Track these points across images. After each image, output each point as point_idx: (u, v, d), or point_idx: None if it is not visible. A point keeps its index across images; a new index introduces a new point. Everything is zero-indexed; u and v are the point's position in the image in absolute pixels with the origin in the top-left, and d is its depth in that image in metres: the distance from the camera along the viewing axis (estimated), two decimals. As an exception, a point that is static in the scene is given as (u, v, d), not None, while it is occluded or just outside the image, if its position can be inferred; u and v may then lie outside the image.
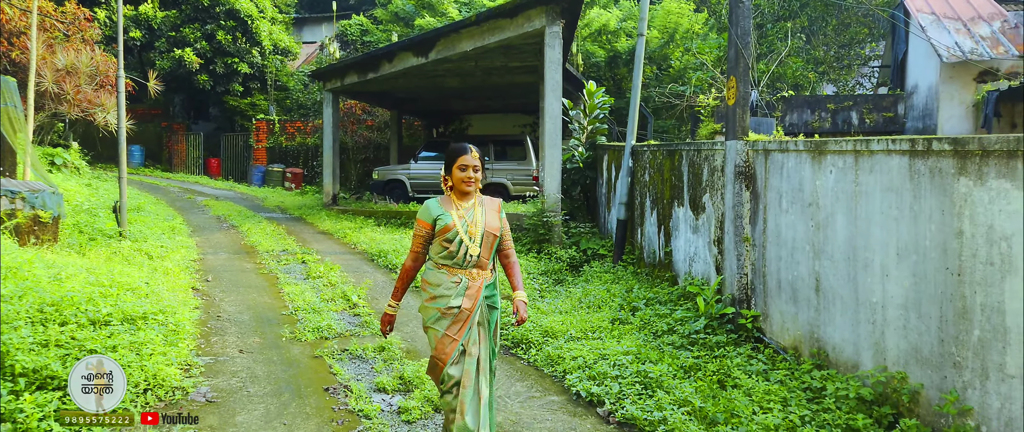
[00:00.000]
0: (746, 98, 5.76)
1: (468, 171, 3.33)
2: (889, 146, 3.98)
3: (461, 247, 3.29)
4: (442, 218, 3.29)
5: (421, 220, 3.33)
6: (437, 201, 3.37)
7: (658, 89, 16.65)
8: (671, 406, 4.16)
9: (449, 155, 3.38)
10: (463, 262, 3.32)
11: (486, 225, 3.37)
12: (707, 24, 20.43)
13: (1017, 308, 3.12)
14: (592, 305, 6.85)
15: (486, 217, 3.40)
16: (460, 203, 3.37)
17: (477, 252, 3.33)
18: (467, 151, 3.33)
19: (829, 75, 17.80)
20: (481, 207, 3.43)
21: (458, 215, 3.32)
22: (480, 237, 3.34)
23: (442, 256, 3.33)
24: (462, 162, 3.32)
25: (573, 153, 11.94)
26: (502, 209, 3.56)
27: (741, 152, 5.71)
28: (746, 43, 5.72)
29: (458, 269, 3.33)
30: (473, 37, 11.50)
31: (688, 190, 7.04)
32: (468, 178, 3.33)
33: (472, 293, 3.33)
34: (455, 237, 3.29)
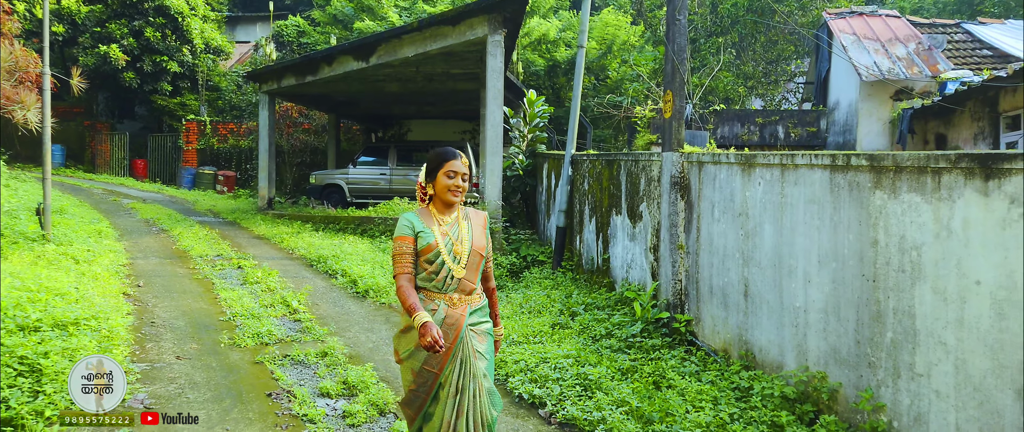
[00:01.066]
0: (682, 112, 6.02)
1: (457, 179, 2.90)
2: (812, 161, 4.27)
3: (442, 269, 2.88)
4: (423, 235, 2.87)
5: (401, 236, 2.88)
6: (415, 214, 2.94)
7: (596, 99, 17.03)
8: (610, 406, 4.32)
9: (434, 160, 2.94)
10: (443, 285, 2.89)
11: (473, 243, 2.95)
12: (643, 37, 21.02)
13: (926, 312, 3.40)
14: (533, 310, 6.98)
15: (472, 233, 2.98)
16: (442, 216, 2.95)
17: (461, 274, 2.91)
18: (456, 156, 2.91)
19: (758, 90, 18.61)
20: (466, 221, 3.01)
21: (441, 231, 2.91)
22: (466, 257, 2.92)
23: (420, 278, 2.91)
24: (450, 168, 2.89)
25: (513, 161, 12.10)
26: (488, 224, 3.14)
27: (677, 163, 5.96)
28: (682, 59, 5.98)
29: (436, 294, 2.90)
30: (415, 43, 11.52)
31: (626, 199, 7.28)
32: (457, 187, 2.90)
33: (452, 322, 2.88)
34: (437, 257, 2.87)
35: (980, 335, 3.12)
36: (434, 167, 2.94)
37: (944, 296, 3.29)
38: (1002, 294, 3.02)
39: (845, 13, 13.07)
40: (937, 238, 3.32)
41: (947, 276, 3.27)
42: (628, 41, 19.64)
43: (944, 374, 3.30)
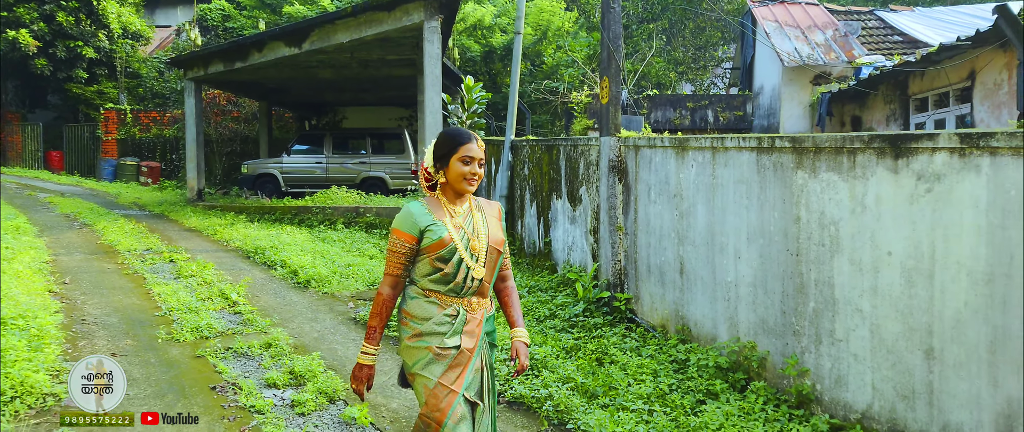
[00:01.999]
0: (618, 97, 6.21)
1: (473, 165, 2.52)
2: (740, 143, 4.51)
3: (460, 268, 2.50)
4: (434, 229, 2.48)
5: (400, 232, 2.49)
6: (422, 204, 2.55)
7: (533, 85, 17.18)
8: (556, 383, 4.48)
9: (445, 143, 2.55)
10: (461, 289, 2.52)
11: (490, 237, 2.59)
12: (577, 23, 21.28)
13: (843, 282, 3.68)
14: (477, 294, 7.08)
15: (488, 226, 2.62)
16: (454, 207, 2.57)
17: (481, 274, 2.54)
18: (471, 138, 2.54)
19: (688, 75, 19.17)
20: (479, 212, 2.64)
21: (454, 224, 2.52)
22: (484, 254, 2.56)
23: (432, 280, 2.51)
24: (466, 152, 2.51)
25: (453, 147, 12.12)
26: (502, 214, 2.77)
27: (614, 148, 6.15)
28: (617, 46, 6.16)
29: (453, 298, 2.52)
30: (349, 29, 11.36)
31: (566, 183, 7.45)
32: (473, 174, 2.52)
33: (473, 328, 2.54)
34: (453, 255, 2.49)
35: (892, 302, 3.40)
36: (446, 151, 2.53)
37: (860, 267, 3.57)
38: (911, 263, 3.30)
39: (768, 1, 13.62)
40: (853, 213, 3.59)
41: (862, 248, 3.55)
42: (563, 27, 19.84)
43: (861, 339, 3.59)
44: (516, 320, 2.72)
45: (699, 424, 3.64)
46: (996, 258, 2.92)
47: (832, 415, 3.76)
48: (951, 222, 3.10)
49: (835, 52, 11.75)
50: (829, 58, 11.59)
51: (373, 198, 13.60)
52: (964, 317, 3.06)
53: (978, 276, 2.99)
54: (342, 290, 7.60)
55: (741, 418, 3.78)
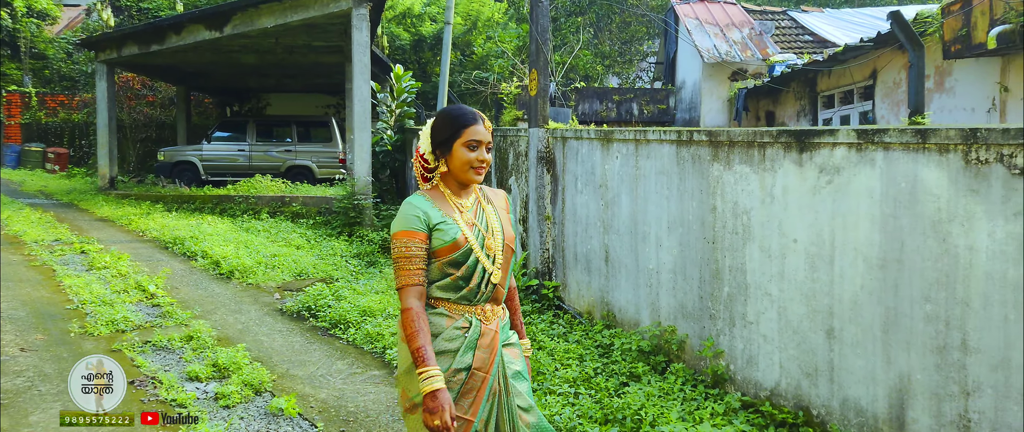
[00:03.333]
0: (546, 90, 6.33)
1: (481, 150, 2.18)
2: (661, 136, 4.71)
3: (476, 272, 2.16)
4: (444, 227, 2.14)
5: (409, 232, 2.11)
6: (425, 198, 2.20)
7: (463, 75, 17.17)
8: (485, 370, 4.57)
9: (447, 124, 2.19)
10: (475, 295, 2.18)
11: (504, 234, 2.27)
12: (507, 14, 21.35)
13: (755, 268, 3.92)
14: (406, 284, 7.09)
15: (501, 220, 2.30)
16: (460, 200, 2.23)
17: (499, 278, 2.21)
18: (477, 119, 2.19)
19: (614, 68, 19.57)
20: (488, 204, 2.32)
21: (465, 220, 2.20)
22: (500, 253, 2.23)
23: (440, 287, 2.17)
24: (472, 136, 2.16)
25: (382, 136, 12.02)
26: (510, 205, 2.46)
27: (542, 139, 6.28)
28: (545, 40, 6.28)
29: (464, 306, 2.18)
30: (274, 13, 11.06)
31: (496, 173, 7.53)
32: (481, 161, 2.18)
33: (488, 342, 2.18)
34: (468, 256, 2.15)
35: (797, 285, 3.66)
36: (448, 135, 2.17)
37: (769, 253, 3.81)
38: (813, 249, 3.56)
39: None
40: (763, 203, 3.83)
41: (771, 236, 3.79)
42: (493, 17, 19.87)
43: (770, 321, 3.84)
44: (519, 329, 2.41)
45: (622, 405, 3.81)
46: (888, 245, 3.19)
47: (744, 393, 4.01)
48: (849, 211, 3.36)
49: (751, 50, 12.29)
50: (745, 55, 12.12)
51: (300, 187, 13.33)
52: (860, 299, 3.33)
53: (873, 261, 3.26)
54: (267, 281, 7.46)
55: (661, 398, 3.98)
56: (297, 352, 5.27)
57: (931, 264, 2.99)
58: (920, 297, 3.04)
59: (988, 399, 2.79)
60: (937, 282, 2.97)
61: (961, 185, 2.87)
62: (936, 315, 2.98)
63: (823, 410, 3.53)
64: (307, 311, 6.30)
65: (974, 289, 2.83)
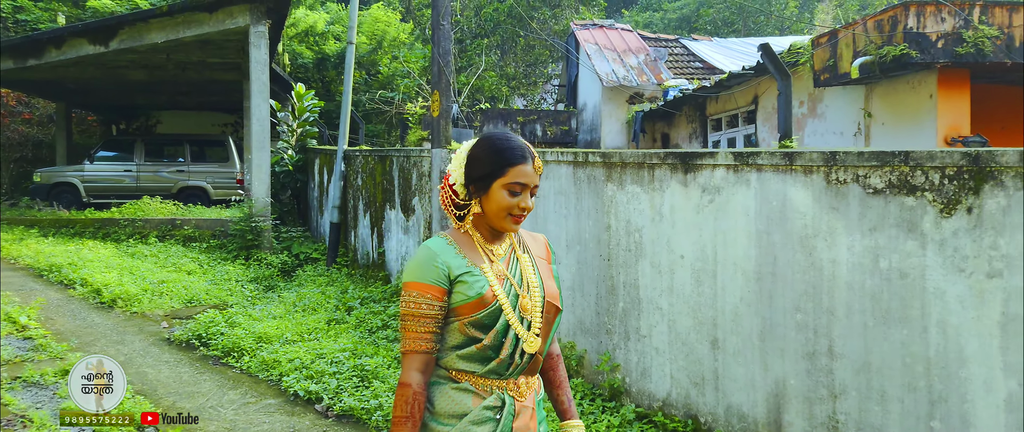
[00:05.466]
0: (449, 111, 6.39)
1: (524, 195, 1.73)
2: (560, 157, 4.85)
3: (506, 339, 1.73)
4: (469, 279, 1.70)
5: (423, 284, 1.68)
6: (447, 241, 1.75)
7: (368, 94, 17.00)
8: (386, 393, 4.52)
9: (489, 157, 1.72)
10: (506, 368, 1.74)
11: (545, 290, 1.83)
12: (413, 34, 21.36)
13: (647, 283, 4.10)
14: (307, 308, 6.91)
15: (540, 273, 1.85)
16: (491, 245, 1.80)
17: (535, 347, 1.77)
18: (528, 157, 1.73)
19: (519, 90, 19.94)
20: (525, 253, 1.87)
21: (496, 272, 1.76)
22: (539, 315, 1.79)
23: (464, 356, 1.73)
24: (517, 177, 1.71)
25: (282, 156, 11.70)
26: (552, 251, 1.98)
27: (445, 159, 6.31)
28: (447, 62, 6.35)
29: (494, 380, 1.74)
30: (165, 28, 10.58)
31: (399, 193, 7.50)
32: (524, 209, 1.74)
33: (525, 423, 1.78)
34: (496, 318, 1.72)
35: (685, 299, 3.85)
36: (488, 172, 1.72)
37: (659, 269, 4.00)
38: (699, 265, 3.76)
39: (589, 25, 14.61)
40: (653, 222, 4.02)
41: (660, 253, 3.98)
42: (399, 38, 19.82)
43: (661, 334, 4.01)
44: (568, 407, 1.93)
45: (522, 421, 3.86)
46: (763, 259, 3.42)
47: (639, 404, 4.16)
48: (729, 228, 3.59)
49: (647, 75, 12.88)
50: (641, 80, 12.68)
51: (193, 209, 12.70)
52: (740, 311, 3.55)
53: (750, 274, 3.49)
54: (154, 309, 7.06)
55: (560, 413, 4.06)
56: (185, 383, 5.01)
57: (800, 276, 3.24)
58: (792, 307, 3.28)
59: (853, 401, 3.04)
60: (805, 293, 3.21)
61: (824, 203, 3.13)
62: (806, 324, 3.22)
63: (710, 417, 3.72)
64: (197, 340, 6.01)
65: (837, 299, 3.09)
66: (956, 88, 6.42)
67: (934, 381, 2.75)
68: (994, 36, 6.13)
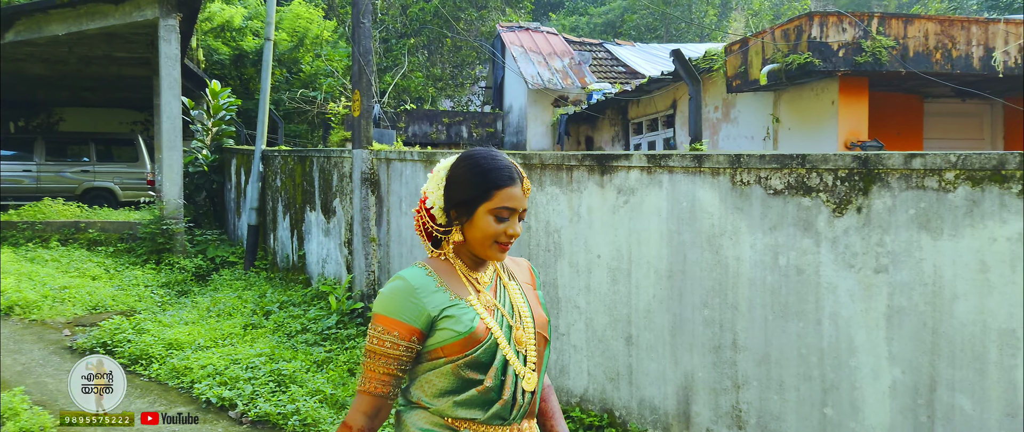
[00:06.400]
0: (370, 111, 6.31)
1: (512, 221, 1.57)
2: (481, 158, 4.88)
3: (506, 378, 1.56)
4: (456, 313, 1.53)
5: (392, 319, 1.51)
6: (426, 272, 1.57)
7: (289, 93, 16.55)
8: (304, 398, 4.43)
9: (474, 178, 1.56)
10: (510, 411, 1.57)
11: (535, 318, 1.67)
12: (336, 32, 20.95)
13: (565, 282, 4.18)
14: (222, 313, 6.68)
15: (528, 299, 1.70)
16: (475, 274, 1.63)
17: (534, 384, 1.61)
18: (515, 180, 1.57)
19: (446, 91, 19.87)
20: (512, 280, 1.72)
21: (484, 302, 1.60)
22: (533, 348, 1.64)
23: (462, 402, 1.54)
24: (505, 201, 1.54)
25: (197, 156, 11.26)
26: (535, 274, 1.84)
27: (366, 160, 6.24)
28: (368, 61, 6.27)
29: (498, 426, 1.57)
30: (66, 20, 9.98)
31: (320, 195, 7.35)
32: (510, 237, 1.57)
33: None
34: (492, 357, 1.55)
35: (601, 298, 3.95)
36: (474, 195, 1.55)
37: (577, 269, 4.08)
38: (614, 264, 3.87)
39: (515, 27, 14.73)
40: (571, 222, 4.11)
41: (578, 252, 4.07)
42: (321, 35, 19.39)
43: (579, 331, 4.10)
44: None
45: (442, 422, 3.86)
46: (674, 257, 3.55)
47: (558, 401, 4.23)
48: (643, 228, 3.70)
49: (571, 78, 13.09)
50: (566, 83, 12.88)
51: (99, 211, 12.03)
52: (653, 308, 3.67)
53: (662, 273, 3.61)
54: (55, 316, 6.67)
55: (480, 412, 4.08)
56: (89, 393, 4.76)
57: (708, 273, 3.38)
58: (700, 303, 3.42)
59: (755, 391, 3.19)
60: (713, 289, 3.36)
61: (729, 204, 3.28)
62: (713, 319, 3.36)
63: (624, 411, 3.83)
64: (102, 347, 5.71)
65: (741, 294, 3.24)
66: (856, 95, 6.83)
67: (827, 370, 2.92)
68: (890, 46, 6.56)
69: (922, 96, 8.15)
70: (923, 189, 2.65)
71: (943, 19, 6.89)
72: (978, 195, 2.51)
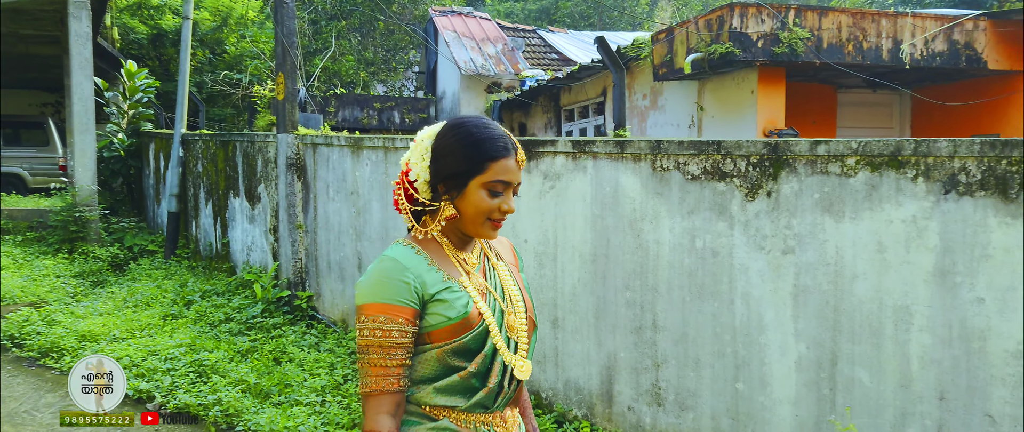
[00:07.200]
0: (295, 94, 6.16)
1: (507, 196, 1.47)
2: (408, 144, 4.83)
3: (494, 365, 1.46)
4: (449, 297, 1.42)
5: (386, 304, 1.37)
6: (414, 251, 1.45)
7: (212, 75, 15.93)
8: (226, 388, 4.32)
9: (465, 149, 1.44)
10: (494, 399, 1.49)
11: (524, 300, 1.58)
12: (263, 12, 20.26)
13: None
14: (140, 303, 6.43)
15: (517, 281, 1.61)
16: (463, 254, 1.52)
17: (526, 372, 1.53)
18: (510, 151, 1.47)
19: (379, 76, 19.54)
20: (499, 260, 1.62)
21: (476, 285, 1.49)
22: (525, 333, 1.54)
23: (444, 389, 1.44)
24: (500, 174, 1.44)
25: (112, 140, 10.73)
26: (518, 257, 1.75)
27: (292, 145, 6.09)
28: (292, 42, 6.11)
29: (479, 415, 1.48)
30: (-35, -7, 9.31)
31: (244, 181, 7.14)
32: (503, 210, 1.47)
33: None
34: (483, 342, 1.44)
35: (530, 281, 3.99)
36: (466, 168, 1.44)
37: (504, 253, 4.11)
38: (541, 248, 3.92)
39: (448, 12, 14.61)
40: (498, 207, 4.13)
41: (506, 236, 4.09)
42: (247, 15, 18.73)
43: (506, 315, 4.14)
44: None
45: (369, 408, 3.84)
46: (598, 241, 3.63)
47: (486, 385, 4.27)
48: (568, 213, 3.76)
49: (504, 64, 13.10)
50: (499, 69, 12.87)
51: (6, 198, 11.34)
52: (578, 291, 3.74)
53: (586, 256, 3.69)
54: None
55: (408, 398, 4.08)
56: (-7, 390, 4.51)
57: (630, 257, 3.47)
58: (622, 286, 3.51)
59: (673, 369, 3.31)
60: (634, 272, 3.45)
61: (650, 189, 3.37)
62: (634, 301, 3.46)
63: (550, 392, 3.90)
64: (9, 340, 5.42)
65: (661, 277, 3.34)
66: (773, 85, 7.10)
67: (739, 347, 3.06)
68: (806, 38, 6.84)
69: (836, 86, 8.54)
70: (827, 174, 2.79)
71: (855, 12, 7.23)
72: (877, 180, 2.67)
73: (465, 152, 1.43)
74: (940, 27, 7.20)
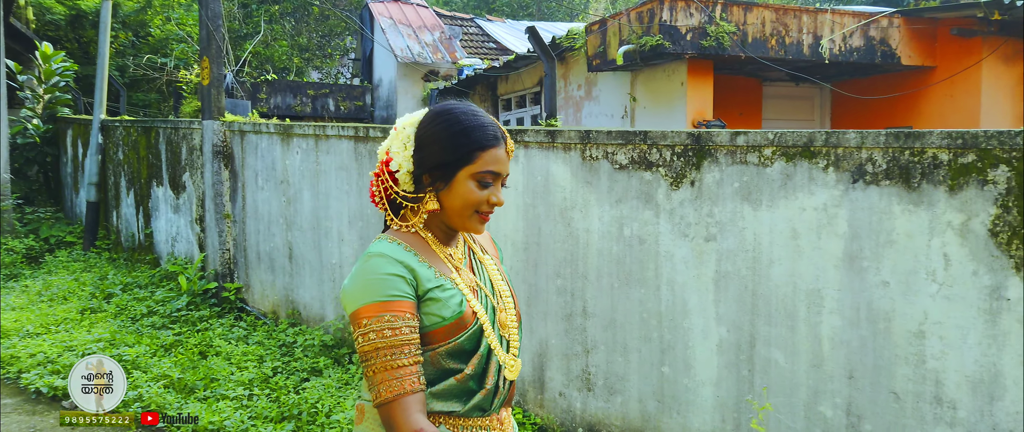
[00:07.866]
0: (221, 79, 5.96)
1: (496, 187, 1.40)
2: (340, 132, 4.76)
3: (490, 365, 1.39)
4: (442, 295, 1.33)
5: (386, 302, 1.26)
6: (402, 247, 1.35)
7: (136, 59, 15.22)
8: (148, 383, 4.18)
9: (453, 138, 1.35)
10: (491, 401, 1.42)
11: (512, 296, 1.53)
12: (190, -6, 19.45)
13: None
14: (56, 297, 6.13)
15: (503, 276, 1.56)
16: (449, 249, 1.44)
17: (517, 372, 1.48)
18: (500, 140, 1.39)
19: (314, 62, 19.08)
20: (484, 254, 1.56)
21: (467, 282, 1.41)
22: (516, 331, 1.49)
23: (442, 393, 1.36)
24: (489, 164, 1.36)
25: (26, 125, 10.15)
26: (498, 248, 1.70)
27: (218, 132, 5.90)
28: (218, 25, 5.90)
29: (477, 418, 1.41)
30: None
31: (167, 169, 6.87)
32: (492, 203, 1.39)
33: None
34: (478, 341, 1.37)
35: (461, 270, 4.00)
36: (454, 158, 1.35)
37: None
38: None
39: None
40: (431, 196, 4.11)
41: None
42: (172, -3, 17.94)
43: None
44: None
45: (299, 400, 3.79)
46: (529, 230, 3.66)
47: (420, 374, 4.27)
48: (500, 202, 3.78)
49: (441, 52, 13.00)
50: (436, 58, 12.77)
51: (-96, 188, 10.58)
52: (510, 279, 3.77)
53: (519, 245, 3.72)
54: None
55: (339, 389, 4.04)
56: None
57: (560, 245, 3.52)
58: (553, 274, 3.56)
59: (602, 355, 3.38)
60: (565, 260, 3.50)
61: (580, 178, 3.43)
62: (565, 288, 3.51)
63: (483, 381, 3.93)
64: (-92, 340, 5.08)
65: (590, 264, 3.40)
66: (702, 77, 7.29)
67: (664, 332, 3.15)
68: (731, 32, 7.04)
69: (761, 79, 8.84)
70: (746, 164, 2.90)
71: (778, 8, 7.48)
72: (791, 169, 2.78)
73: (453, 141, 1.35)
74: (857, 24, 7.53)
